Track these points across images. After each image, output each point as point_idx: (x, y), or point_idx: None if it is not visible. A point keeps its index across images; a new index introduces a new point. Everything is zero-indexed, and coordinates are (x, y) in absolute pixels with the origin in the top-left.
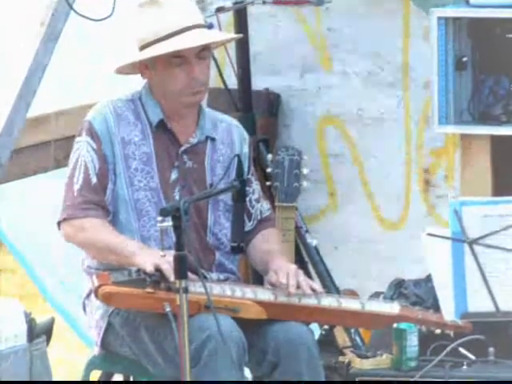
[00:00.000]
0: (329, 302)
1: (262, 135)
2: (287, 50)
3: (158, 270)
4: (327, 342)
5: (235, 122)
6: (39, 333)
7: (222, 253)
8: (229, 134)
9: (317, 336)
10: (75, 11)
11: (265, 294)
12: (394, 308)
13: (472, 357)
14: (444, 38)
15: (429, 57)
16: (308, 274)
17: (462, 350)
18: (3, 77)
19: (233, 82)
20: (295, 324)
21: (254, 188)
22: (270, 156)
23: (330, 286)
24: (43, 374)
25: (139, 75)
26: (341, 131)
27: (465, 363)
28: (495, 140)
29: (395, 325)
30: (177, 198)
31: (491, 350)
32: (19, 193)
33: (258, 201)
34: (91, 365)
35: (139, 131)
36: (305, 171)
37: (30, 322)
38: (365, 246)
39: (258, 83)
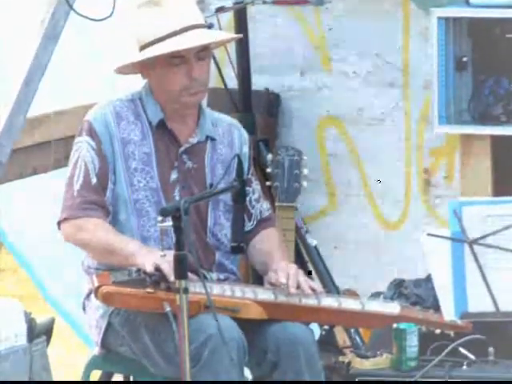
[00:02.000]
0: (329, 302)
1: (261, 135)
2: (287, 50)
3: (158, 269)
4: (327, 342)
5: (235, 121)
6: (39, 333)
7: (222, 253)
8: (229, 134)
9: (317, 336)
10: (75, 11)
11: (265, 294)
12: (394, 308)
13: (472, 357)
14: (444, 38)
15: (429, 57)
16: (308, 274)
17: (462, 349)
18: (3, 76)
19: (233, 82)
20: (295, 324)
21: (254, 188)
22: (269, 156)
23: (330, 286)
24: (43, 373)
25: (139, 75)
26: (340, 131)
27: (465, 363)
28: (495, 140)
29: (395, 325)
30: (177, 198)
31: (491, 349)
32: (19, 193)
33: (258, 201)
34: (91, 365)
35: (139, 131)
36: (305, 171)
37: (30, 322)
38: (365, 246)
39: (258, 83)
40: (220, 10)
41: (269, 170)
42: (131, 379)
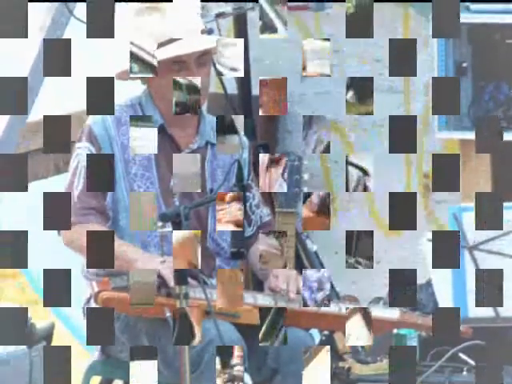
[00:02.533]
0: (329, 307)
1: (261, 140)
2: (287, 55)
3: (158, 275)
4: None
5: None
6: (39, 338)
7: (222, 258)
8: None
9: (317, 341)
10: (75, 17)
11: (265, 300)
12: (394, 313)
13: (472, 362)
14: (444, 43)
15: (429, 62)
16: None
17: (461, 355)
18: None
19: (233, 88)
20: (295, 329)
21: (254, 193)
22: None
23: (330, 292)
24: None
25: (138, 81)
26: (340, 136)
27: (465, 369)
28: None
29: (395, 330)
30: (177, 203)
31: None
32: (19, 197)
33: (258, 206)
34: (91, 370)
35: None
36: (305, 176)
37: (30, 327)
38: None
39: (258, 88)
40: (220, 15)
41: None
42: None
